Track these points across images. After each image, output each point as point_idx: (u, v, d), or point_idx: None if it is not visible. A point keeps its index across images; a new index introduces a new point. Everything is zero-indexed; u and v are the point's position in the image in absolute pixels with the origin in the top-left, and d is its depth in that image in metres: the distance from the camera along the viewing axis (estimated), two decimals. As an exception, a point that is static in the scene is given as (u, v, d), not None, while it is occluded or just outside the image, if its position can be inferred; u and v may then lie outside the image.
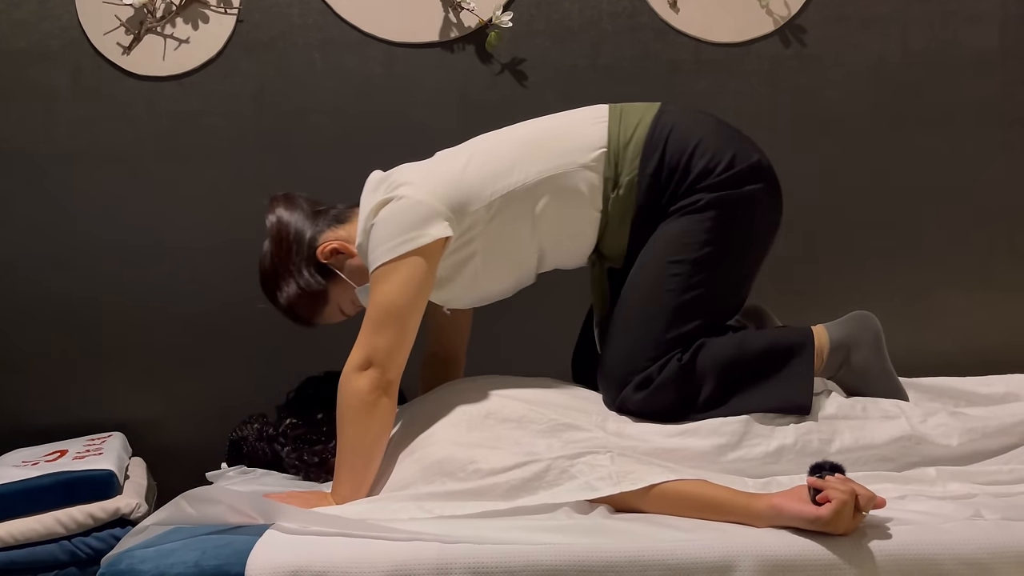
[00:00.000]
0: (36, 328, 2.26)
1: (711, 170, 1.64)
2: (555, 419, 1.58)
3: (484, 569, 1.31)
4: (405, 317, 1.59)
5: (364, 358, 1.57)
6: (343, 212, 1.78)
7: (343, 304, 1.79)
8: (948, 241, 2.29)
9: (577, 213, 1.69)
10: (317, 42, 2.21)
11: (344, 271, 1.75)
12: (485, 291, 1.76)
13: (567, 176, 1.66)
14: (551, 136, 1.70)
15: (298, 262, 1.74)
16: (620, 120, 1.70)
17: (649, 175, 1.65)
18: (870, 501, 1.33)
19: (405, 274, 1.59)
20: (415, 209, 1.61)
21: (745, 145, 1.70)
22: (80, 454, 1.94)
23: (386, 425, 1.60)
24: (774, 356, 1.64)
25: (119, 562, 1.37)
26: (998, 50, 2.25)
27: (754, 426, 1.58)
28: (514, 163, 1.67)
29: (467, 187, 1.65)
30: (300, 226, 1.75)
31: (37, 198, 2.23)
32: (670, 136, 1.67)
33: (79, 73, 2.20)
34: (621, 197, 1.67)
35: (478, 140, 1.75)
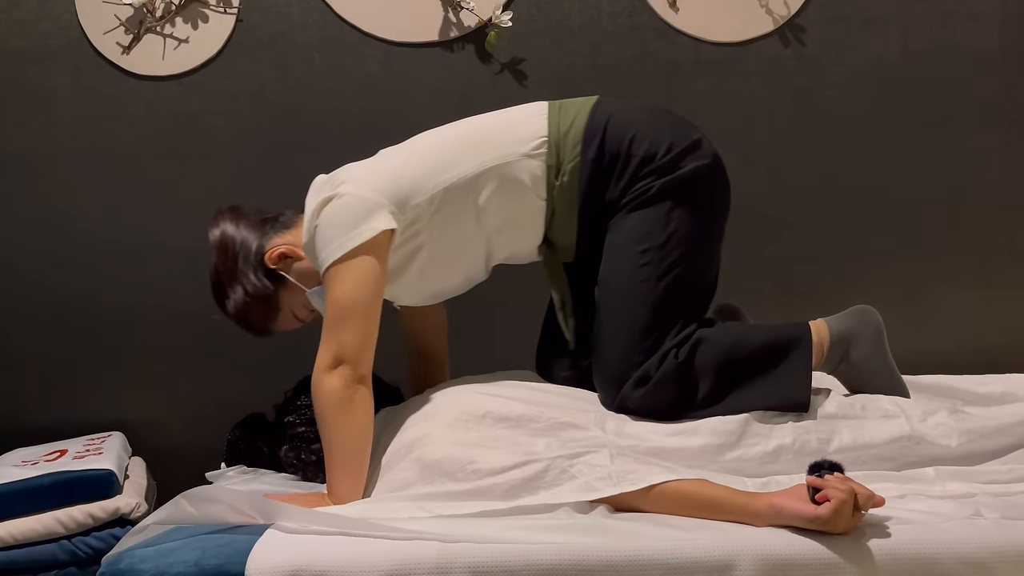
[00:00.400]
0: (36, 327, 2.26)
1: (653, 155, 1.67)
2: (554, 418, 1.58)
3: (484, 568, 1.31)
4: (365, 311, 1.61)
5: (332, 357, 1.59)
6: (291, 218, 1.80)
7: (296, 309, 1.79)
8: (947, 241, 2.29)
9: (521, 203, 1.70)
10: (317, 41, 2.21)
11: (293, 275, 1.75)
12: (434, 287, 1.78)
13: (509, 166, 1.68)
14: (492, 130, 1.73)
15: (245, 269, 1.74)
16: (559, 113, 1.73)
17: (591, 161, 1.68)
18: (869, 500, 1.33)
19: (357, 270, 1.60)
20: (357, 205, 1.63)
21: (683, 127, 1.73)
22: (80, 454, 1.94)
23: (368, 416, 1.61)
24: (772, 351, 1.64)
25: (119, 561, 1.37)
26: (998, 50, 2.25)
27: (753, 425, 1.58)
28: (455, 156, 1.69)
29: (408, 181, 1.67)
30: (245, 235, 1.77)
31: (37, 198, 2.23)
32: (608, 124, 1.70)
33: (79, 73, 2.20)
34: (565, 185, 1.69)
35: (420, 136, 1.77)
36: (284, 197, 1.92)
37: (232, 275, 1.75)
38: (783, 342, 1.65)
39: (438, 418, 1.60)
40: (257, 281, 1.74)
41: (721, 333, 1.67)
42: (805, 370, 1.63)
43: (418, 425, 1.61)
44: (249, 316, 1.77)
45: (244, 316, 1.77)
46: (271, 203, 1.86)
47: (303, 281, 1.75)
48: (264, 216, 1.81)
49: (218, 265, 1.77)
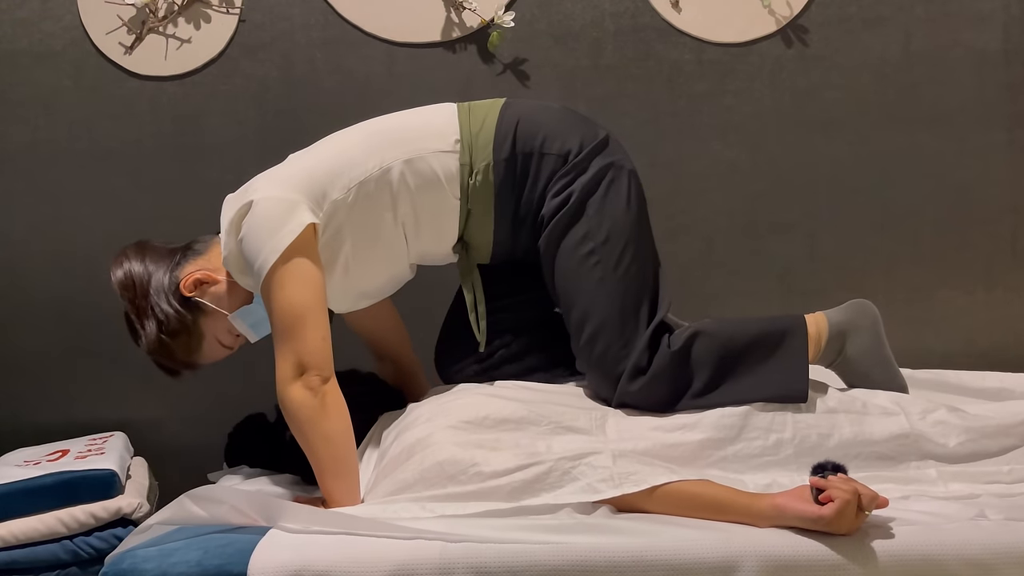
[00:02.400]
0: (38, 328, 2.26)
1: (566, 155, 1.69)
2: (554, 419, 1.58)
3: (487, 569, 1.31)
4: (314, 313, 1.58)
5: (292, 365, 1.56)
6: (205, 243, 1.77)
7: (220, 335, 1.75)
8: (950, 241, 2.29)
9: (435, 199, 1.70)
10: (319, 42, 2.21)
11: (212, 300, 1.72)
12: (360, 288, 1.76)
13: (422, 160, 1.68)
14: (404, 128, 1.73)
15: (157, 302, 1.69)
16: (469, 114, 1.74)
17: (503, 161, 1.69)
18: (873, 501, 1.32)
19: (291, 274, 1.58)
20: (276, 206, 1.61)
21: (589, 126, 1.75)
22: (82, 454, 1.94)
23: (343, 417, 1.59)
24: (767, 341, 1.65)
25: (122, 561, 1.37)
26: (1001, 51, 2.25)
27: (753, 419, 1.58)
28: (368, 152, 1.68)
29: (322, 177, 1.66)
30: (151, 269, 1.72)
31: (39, 197, 2.23)
32: (518, 126, 1.71)
33: (81, 73, 2.20)
34: (479, 185, 1.69)
35: (329, 137, 1.77)
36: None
37: (142, 311, 1.70)
38: (778, 332, 1.66)
39: (439, 420, 1.60)
40: (172, 311, 1.69)
41: (716, 324, 1.68)
42: (803, 360, 1.63)
43: (419, 428, 1.60)
44: (170, 350, 1.72)
45: (164, 351, 1.72)
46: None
47: (223, 305, 1.72)
48: (173, 247, 1.78)
49: (126, 304, 1.72)
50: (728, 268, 2.27)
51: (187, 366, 1.77)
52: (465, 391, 1.71)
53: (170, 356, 1.74)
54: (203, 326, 1.74)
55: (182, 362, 1.76)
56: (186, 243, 1.79)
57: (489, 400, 1.63)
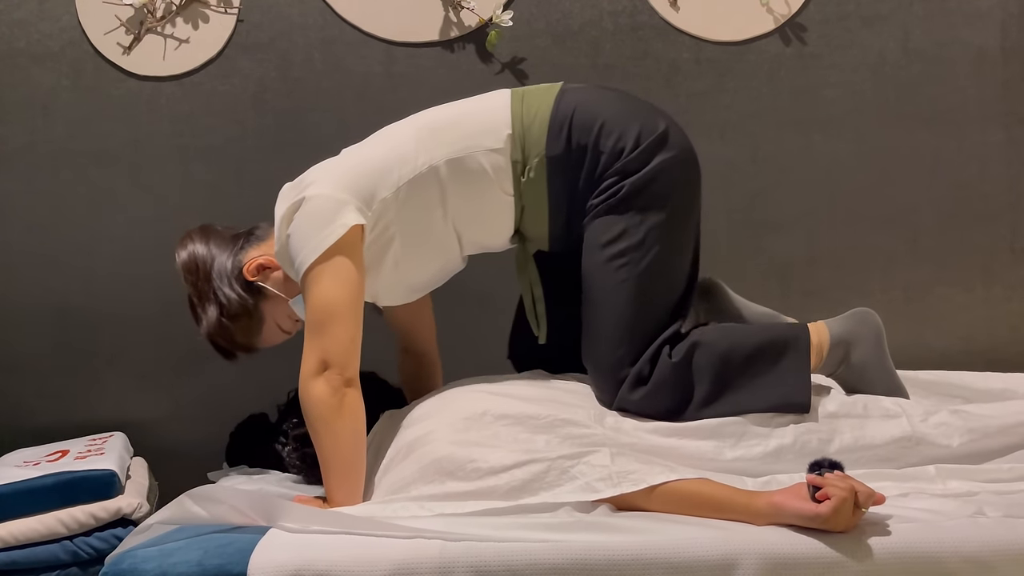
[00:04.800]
0: (37, 328, 2.26)
1: (621, 150, 1.64)
2: (553, 415, 1.57)
3: (486, 567, 1.31)
4: (346, 313, 1.59)
5: (317, 363, 1.57)
6: (265, 230, 1.78)
7: (280, 320, 1.76)
8: (948, 239, 2.29)
9: (486, 196, 1.68)
10: (317, 42, 2.21)
11: (274, 285, 1.73)
12: (410, 281, 1.76)
13: (471, 159, 1.66)
14: (454, 121, 1.70)
15: (219, 286, 1.72)
16: (523, 104, 1.70)
17: (557, 156, 1.66)
18: (869, 498, 1.33)
19: (332, 272, 1.59)
20: (324, 205, 1.61)
21: (650, 117, 1.69)
22: (81, 454, 1.94)
23: (359, 420, 1.59)
24: (769, 352, 1.63)
25: (122, 561, 1.38)
26: (999, 48, 2.25)
27: (753, 426, 1.58)
28: (418, 149, 1.66)
29: (372, 175, 1.65)
30: (216, 252, 1.74)
31: (37, 198, 2.23)
32: (574, 115, 1.67)
33: (79, 73, 2.20)
34: (532, 181, 1.67)
35: (381, 131, 1.76)
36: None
37: (204, 295, 1.73)
38: (780, 342, 1.64)
39: (438, 418, 1.60)
40: (235, 296, 1.71)
41: (717, 334, 1.66)
42: (803, 371, 1.62)
43: (418, 425, 1.61)
44: (231, 334, 1.74)
45: (224, 334, 1.74)
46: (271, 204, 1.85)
47: (284, 291, 1.73)
48: (236, 232, 1.79)
49: (188, 286, 1.74)
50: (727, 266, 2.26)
51: (245, 349, 1.78)
52: (465, 388, 1.71)
53: (230, 339, 1.75)
54: (264, 310, 1.75)
55: (241, 345, 1.77)
56: (248, 229, 1.80)
57: (488, 396, 1.63)
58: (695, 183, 1.74)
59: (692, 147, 1.73)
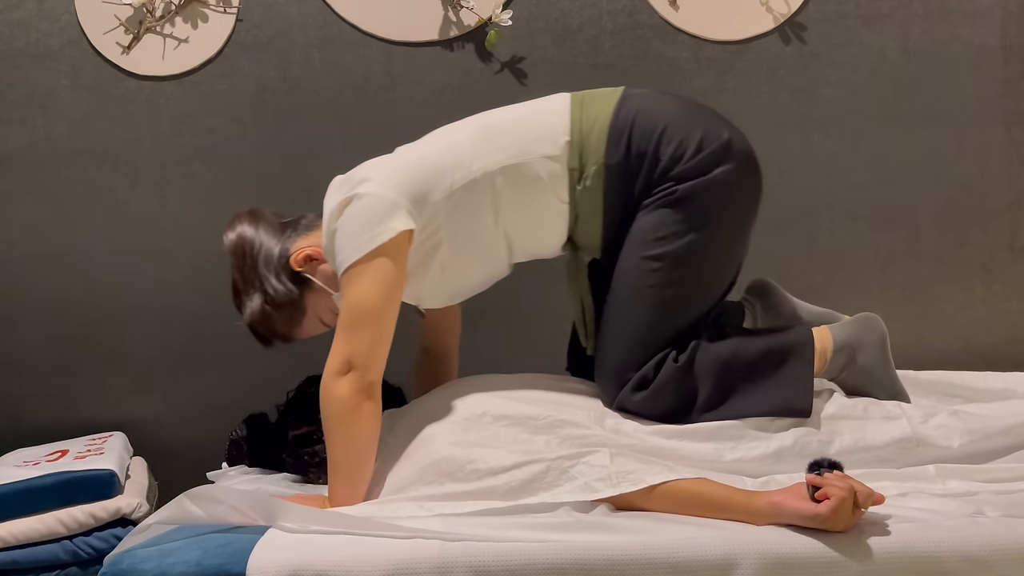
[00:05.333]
0: (36, 328, 2.26)
1: (680, 156, 1.60)
2: (553, 416, 1.57)
3: (485, 567, 1.31)
4: (380, 316, 1.57)
5: (343, 361, 1.55)
6: (312, 221, 1.75)
7: (321, 313, 1.74)
8: (948, 238, 2.29)
9: (540, 204, 1.66)
10: (317, 41, 2.21)
11: (319, 277, 1.71)
12: (455, 284, 1.74)
13: (528, 166, 1.63)
14: (512, 127, 1.67)
15: (266, 274, 1.70)
16: (582, 108, 1.66)
17: (616, 164, 1.62)
18: (869, 498, 1.33)
19: (374, 273, 1.57)
20: (376, 205, 1.59)
21: (713, 124, 1.65)
22: (81, 454, 1.94)
23: (373, 428, 1.58)
24: (773, 357, 1.62)
25: (121, 561, 1.38)
26: (999, 47, 2.25)
27: (752, 429, 1.58)
28: (474, 153, 1.64)
29: (427, 178, 1.62)
30: (265, 239, 1.72)
31: (37, 198, 2.23)
32: (635, 121, 1.63)
33: (78, 73, 2.20)
34: (588, 188, 1.64)
35: (437, 132, 1.73)
36: (284, 197, 1.93)
37: (250, 280, 1.71)
38: (785, 348, 1.63)
39: (438, 418, 1.60)
40: (281, 285, 1.69)
41: (720, 340, 1.65)
42: (807, 377, 1.61)
43: (418, 426, 1.61)
44: (272, 322, 1.72)
45: (266, 322, 1.72)
46: (271, 203, 1.85)
47: (329, 284, 1.71)
48: (284, 220, 1.77)
49: (234, 271, 1.72)
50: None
51: (284, 339, 1.76)
52: (465, 388, 1.70)
53: (270, 328, 1.73)
54: (307, 302, 1.73)
55: (280, 335, 1.75)
56: (295, 218, 1.77)
57: (488, 397, 1.63)
58: (754, 197, 1.69)
59: (755, 157, 1.67)
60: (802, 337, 1.65)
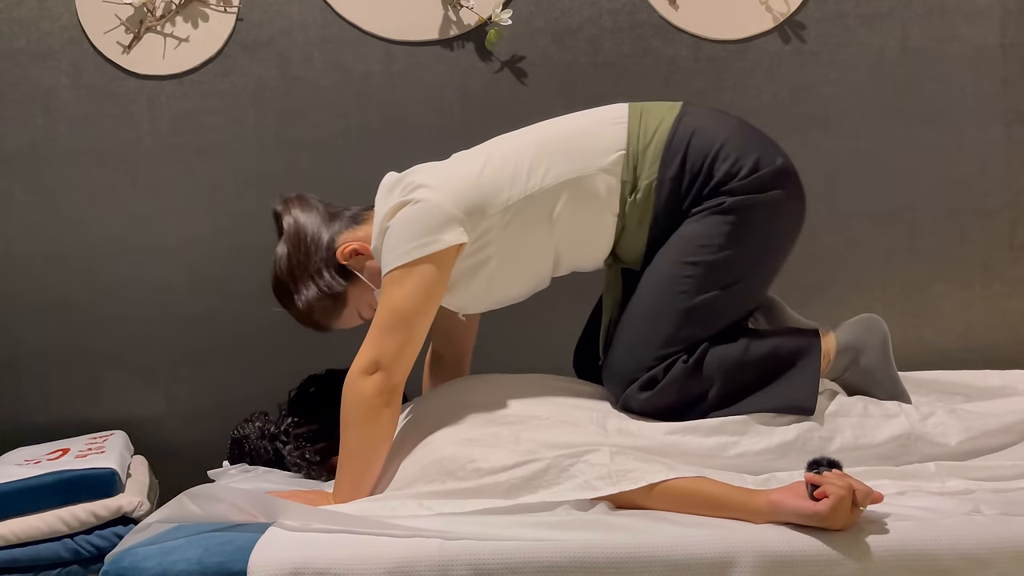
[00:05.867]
0: (38, 327, 2.26)
1: (734, 174, 1.61)
2: (555, 417, 1.58)
3: (485, 566, 1.31)
4: (414, 322, 1.58)
5: (371, 361, 1.56)
6: (358, 214, 1.76)
7: (361, 307, 1.75)
8: (947, 236, 2.29)
9: (594, 217, 1.65)
10: (316, 40, 2.21)
11: (364, 273, 1.72)
12: (499, 295, 1.73)
13: (585, 180, 1.63)
14: (569, 138, 1.67)
15: (317, 263, 1.70)
16: (640, 121, 1.66)
17: (670, 179, 1.62)
18: (867, 496, 1.33)
19: (417, 279, 1.57)
20: (431, 213, 1.58)
21: (769, 148, 1.66)
22: (82, 452, 1.95)
23: (388, 433, 1.59)
24: (780, 359, 1.63)
25: (122, 560, 1.38)
26: (998, 45, 2.25)
27: (755, 424, 1.58)
28: (531, 167, 1.63)
29: (484, 191, 1.62)
30: (317, 228, 1.72)
31: (37, 197, 2.23)
32: (692, 139, 1.63)
33: (79, 72, 2.20)
34: (639, 201, 1.64)
35: (495, 142, 1.72)
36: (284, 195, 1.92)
37: (304, 269, 1.70)
38: (792, 350, 1.64)
39: (440, 417, 1.61)
40: (331, 278, 1.70)
41: (730, 339, 1.65)
42: (813, 377, 1.61)
43: (419, 424, 1.61)
44: (316, 312, 1.73)
45: (311, 312, 1.73)
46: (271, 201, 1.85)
47: (373, 280, 1.71)
48: (331, 210, 1.77)
49: (290, 256, 1.72)
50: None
51: (321, 328, 1.77)
52: (468, 387, 1.71)
53: (309, 316, 1.74)
54: (349, 295, 1.73)
55: (317, 324, 1.75)
56: (339, 209, 1.77)
57: (491, 396, 1.64)
58: (796, 226, 1.70)
59: (804, 193, 1.69)
60: (809, 339, 1.66)
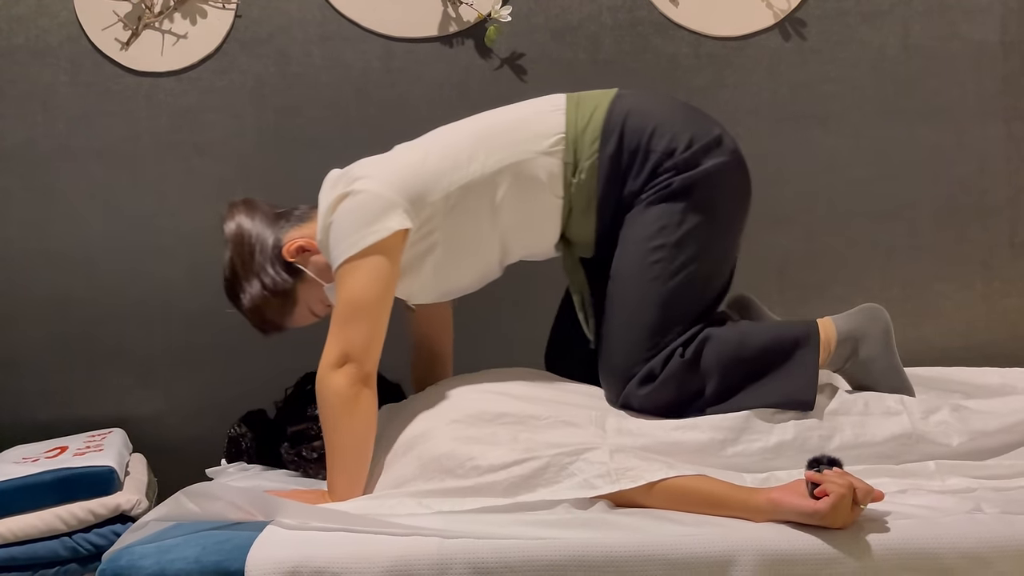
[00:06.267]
0: (36, 324, 2.26)
1: (672, 151, 1.65)
2: (553, 415, 1.57)
3: (484, 565, 1.31)
4: (374, 311, 1.60)
5: (339, 354, 1.57)
6: (306, 212, 1.78)
7: (312, 304, 1.77)
8: (947, 234, 2.29)
9: (537, 201, 1.68)
10: (316, 37, 2.20)
11: (311, 269, 1.74)
12: (447, 284, 1.76)
13: (525, 164, 1.66)
14: (509, 126, 1.70)
15: (262, 262, 1.73)
16: (577, 108, 1.70)
17: (609, 158, 1.66)
18: (868, 495, 1.33)
19: (369, 268, 1.59)
20: (373, 202, 1.61)
21: (704, 122, 1.71)
22: (80, 450, 1.94)
23: (371, 417, 1.60)
24: (778, 350, 1.62)
25: (119, 558, 1.38)
26: (999, 43, 2.24)
27: (754, 421, 1.58)
28: (472, 154, 1.67)
29: (425, 178, 1.65)
30: (261, 229, 1.75)
31: (35, 194, 2.22)
32: (627, 119, 1.67)
33: (77, 69, 2.20)
34: (583, 183, 1.67)
35: (436, 132, 1.76)
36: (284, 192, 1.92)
37: (248, 268, 1.73)
38: (790, 340, 1.63)
39: (438, 415, 1.60)
40: (276, 275, 1.73)
41: (727, 331, 1.66)
42: (812, 369, 1.61)
43: (418, 422, 1.61)
44: (265, 311, 1.75)
45: (260, 311, 1.75)
46: (270, 198, 1.86)
47: (321, 275, 1.74)
48: (277, 210, 1.80)
49: (233, 258, 1.75)
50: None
51: (275, 328, 1.79)
52: (465, 385, 1.71)
53: (261, 316, 1.76)
54: (299, 292, 1.75)
55: (271, 323, 1.78)
56: (288, 208, 1.80)
57: (488, 395, 1.63)
58: (745, 193, 1.73)
59: (743, 158, 1.73)
60: (807, 329, 1.66)
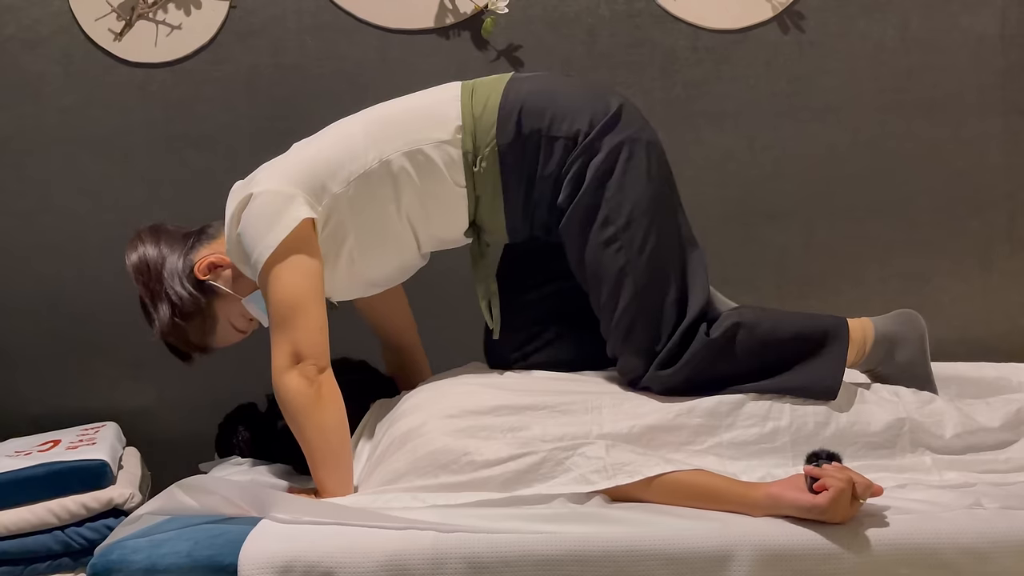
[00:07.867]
0: (28, 318, 2.24)
1: (576, 134, 1.63)
2: (548, 405, 1.56)
3: (479, 559, 1.30)
4: (309, 304, 1.58)
5: (288, 355, 1.56)
6: (217, 228, 1.76)
7: (234, 319, 1.76)
8: (946, 228, 2.29)
9: (438, 189, 1.67)
10: (311, 28, 2.19)
11: (225, 283, 1.72)
12: (367, 277, 1.74)
13: (423, 152, 1.65)
14: (405, 115, 1.69)
15: (172, 284, 1.70)
16: (472, 96, 1.69)
17: (509, 144, 1.64)
18: (867, 489, 1.32)
19: (290, 266, 1.58)
20: (273, 200, 1.60)
21: (602, 97, 1.68)
22: (73, 444, 1.93)
23: (339, 406, 1.59)
24: (808, 341, 1.61)
25: (111, 552, 1.37)
26: (998, 36, 2.24)
27: (749, 406, 1.57)
28: (368, 144, 1.65)
29: (322, 170, 1.64)
30: (167, 254, 1.73)
31: (27, 186, 2.21)
32: (524, 103, 1.65)
33: (70, 60, 2.18)
34: (486, 171, 1.66)
35: (332, 126, 1.74)
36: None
37: (156, 295, 1.71)
38: (820, 333, 1.62)
39: (432, 409, 1.59)
40: (187, 294, 1.70)
41: (756, 316, 1.64)
42: (840, 360, 1.60)
43: (412, 417, 1.59)
44: (184, 334, 1.73)
45: (178, 334, 1.73)
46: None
47: (236, 289, 1.72)
48: (186, 231, 1.78)
49: (140, 288, 1.73)
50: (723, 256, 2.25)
51: (200, 350, 1.77)
52: (459, 379, 1.70)
53: (184, 340, 1.74)
54: (217, 309, 1.74)
55: (196, 345, 1.76)
56: (200, 227, 1.79)
57: (483, 388, 1.62)
58: (659, 153, 1.70)
59: (647, 122, 1.71)
60: (837, 324, 1.64)
